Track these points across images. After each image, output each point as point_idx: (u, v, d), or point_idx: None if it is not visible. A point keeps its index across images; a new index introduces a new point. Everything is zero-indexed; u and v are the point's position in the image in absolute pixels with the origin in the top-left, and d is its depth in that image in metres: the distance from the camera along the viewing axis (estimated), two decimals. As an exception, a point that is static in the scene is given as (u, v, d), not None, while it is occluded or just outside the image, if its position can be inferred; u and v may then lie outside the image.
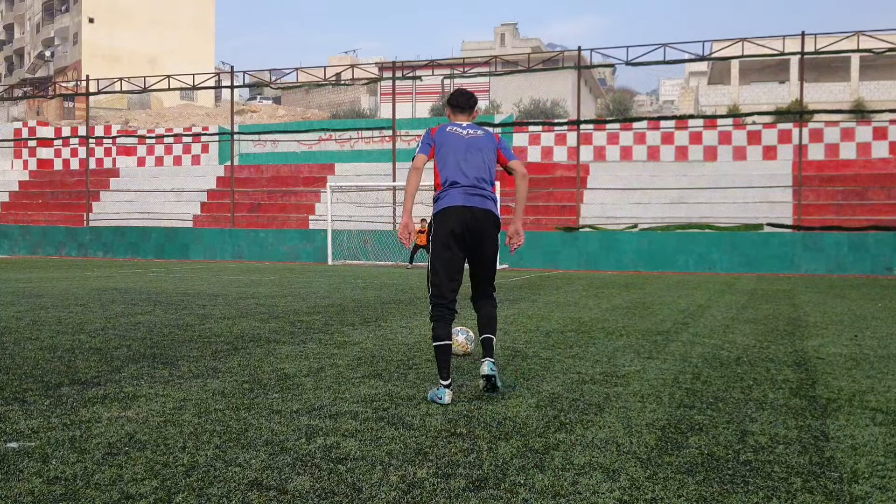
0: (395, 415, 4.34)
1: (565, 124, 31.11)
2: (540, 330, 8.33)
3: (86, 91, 32.60)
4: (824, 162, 28.64)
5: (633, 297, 12.96)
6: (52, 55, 67.02)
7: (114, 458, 3.47)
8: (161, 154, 37.23)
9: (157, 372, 5.58)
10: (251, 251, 28.53)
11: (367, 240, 26.87)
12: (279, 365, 5.92)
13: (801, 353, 6.91)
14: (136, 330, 7.88)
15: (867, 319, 9.90)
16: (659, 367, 6.02)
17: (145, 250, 29.83)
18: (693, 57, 25.95)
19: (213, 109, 61.24)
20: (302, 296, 12.47)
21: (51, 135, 38.97)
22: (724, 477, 3.32)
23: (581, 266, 24.60)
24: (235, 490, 3.07)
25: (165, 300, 11.33)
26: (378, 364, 6.03)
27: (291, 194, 32.19)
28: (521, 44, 63.65)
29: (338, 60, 67.30)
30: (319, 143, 34.84)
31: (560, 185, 29.54)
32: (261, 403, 4.59)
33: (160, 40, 64.16)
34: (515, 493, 3.09)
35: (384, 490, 3.10)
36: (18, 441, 3.71)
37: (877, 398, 4.96)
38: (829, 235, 23.05)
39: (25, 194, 36.08)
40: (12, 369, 5.59)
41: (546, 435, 3.95)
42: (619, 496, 3.06)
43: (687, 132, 30.61)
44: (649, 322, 9.23)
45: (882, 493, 3.15)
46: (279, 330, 8.03)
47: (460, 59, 35.10)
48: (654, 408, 4.61)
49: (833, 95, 43.81)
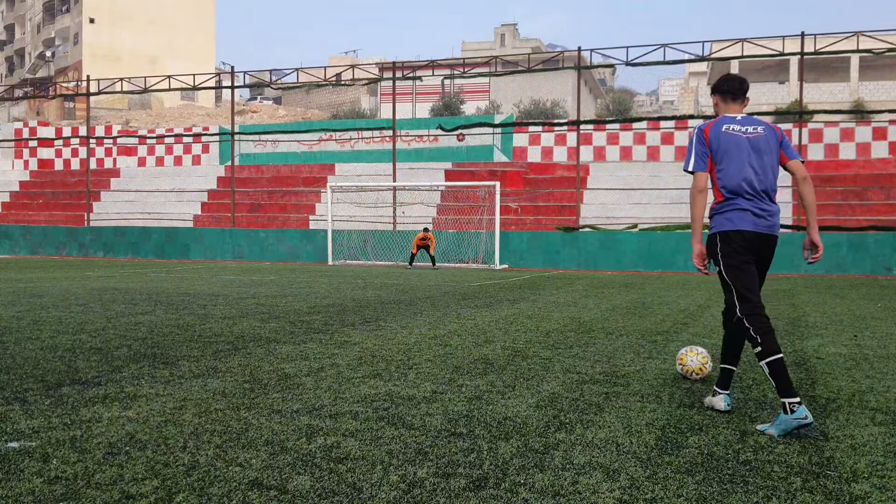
0: (395, 415, 4.35)
1: (565, 124, 31.11)
2: (540, 330, 8.33)
3: (86, 91, 32.61)
4: (824, 162, 28.64)
5: (633, 297, 12.96)
6: (53, 55, 67.03)
7: (114, 457, 3.47)
8: (161, 154, 37.24)
9: (158, 372, 5.58)
10: (251, 251, 28.54)
11: (367, 240, 26.88)
12: (279, 365, 5.92)
13: (801, 353, 6.91)
14: (137, 330, 7.88)
15: (867, 319, 9.90)
16: (659, 367, 6.03)
17: (146, 250, 29.84)
18: (693, 57, 25.95)
19: (214, 110, 61.23)
20: (302, 296, 12.48)
21: (51, 135, 38.97)
22: (724, 477, 3.32)
23: (581, 266, 24.60)
24: (236, 490, 3.08)
25: (166, 300, 11.33)
26: (378, 364, 6.03)
27: (292, 194, 32.19)
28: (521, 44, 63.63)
29: (338, 61, 67.29)
30: (320, 143, 34.84)
31: (560, 185, 29.55)
32: (261, 403, 4.60)
33: (161, 40, 64.18)
34: (515, 492, 3.09)
35: (384, 490, 3.10)
36: (19, 441, 3.72)
37: (876, 398, 4.96)
38: (828, 236, 23.04)
39: (26, 194, 36.08)
40: (13, 369, 5.59)
41: (546, 435, 3.96)
42: (619, 496, 3.07)
43: (687, 132, 30.59)
44: (649, 322, 9.24)
45: (882, 493, 3.15)
46: (279, 330, 8.03)
47: (460, 59, 35.10)
48: (654, 408, 4.61)
49: (833, 96, 43.79)
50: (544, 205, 28.58)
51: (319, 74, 31.58)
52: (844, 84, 45.32)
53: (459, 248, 25.58)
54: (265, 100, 67.61)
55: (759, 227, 4.34)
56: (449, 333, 7.92)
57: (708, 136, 4.42)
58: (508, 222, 27.24)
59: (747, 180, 4.33)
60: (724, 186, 4.38)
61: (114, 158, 37.69)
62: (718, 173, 4.40)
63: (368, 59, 66.63)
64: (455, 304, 11.40)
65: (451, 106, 45.62)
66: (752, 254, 4.38)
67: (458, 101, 46.67)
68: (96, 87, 32.31)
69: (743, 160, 4.35)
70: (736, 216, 4.35)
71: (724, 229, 4.37)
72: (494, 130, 32.44)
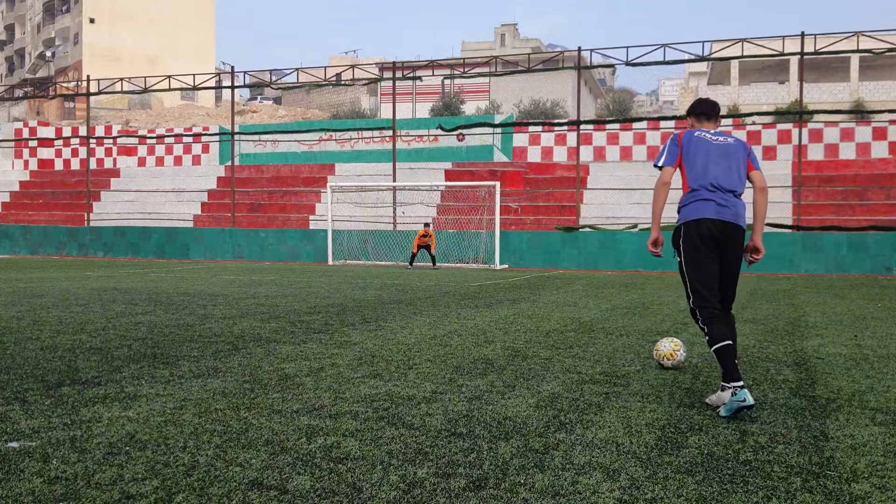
0: (395, 415, 4.35)
1: (565, 124, 31.12)
2: (540, 330, 8.33)
3: (86, 91, 32.61)
4: (824, 162, 28.65)
5: (633, 297, 12.96)
6: (53, 55, 67.04)
7: (114, 457, 3.47)
8: (161, 154, 37.24)
9: (158, 372, 5.58)
10: (251, 251, 28.55)
11: (368, 240, 26.88)
12: (279, 365, 5.92)
13: (801, 353, 6.91)
14: (137, 330, 7.88)
15: (867, 319, 9.90)
16: (659, 367, 6.03)
17: (146, 250, 29.84)
18: (693, 57, 25.95)
19: (214, 110, 61.25)
20: (302, 296, 12.48)
21: (51, 135, 38.97)
22: (723, 477, 3.32)
23: (581, 266, 24.61)
24: (236, 490, 3.08)
25: (166, 300, 11.34)
26: (378, 364, 6.03)
27: (292, 194, 32.20)
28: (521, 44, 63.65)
29: (338, 61, 67.32)
30: (320, 143, 34.84)
31: (560, 185, 29.55)
32: (261, 403, 4.60)
33: (161, 40, 64.20)
34: (515, 493, 3.09)
35: (384, 490, 3.10)
36: (19, 441, 3.72)
37: (876, 398, 4.96)
38: (828, 235, 23.05)
39: (26, 194, 36.09)
40: (13, 369, 5.59)
41: (546, 435, 3.96)
42: (618, 496, 3.07)
43: (687, 132, 30.59)
44: (649, 322, 9.24)
45: (882, 493, 3.15)
46: (279, 330, 8.03)
47: (460, 59, 35.11)
48: (654, 408, 4.61)
49: (833, 96, 43.80)
50: (544, 205, 28.58)
51: (319, 74, 31.59)
52: (844, 84, 45.33)
53: (459, 248, 25.59)
54: (265, 100, 67.63)
55: (722, 215, 4.63)
56: (449, 333, 7.93)
57: (681, 140, 4.87)
58: (508, 222, 27.24)
59: (713, 176, 4.71)
60: (691, 180, 4.77)
61: (114, 158, 37.69)
62: (688, 170, 4.80)
63: (368, 59, 66.64)
64: (455, 304, 11.40)
65: (451, 106, 45.63)
66: (714, 248, 4.66)
67: (458, 101, 46.69)
68: (96, 87, 32.32)
69: (710, 160, 4.76)
70: (699, 206, 4.69)
71: (688, 219, 4.71)
72: (494, 130, 32.44)
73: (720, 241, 4.64)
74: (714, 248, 4.64)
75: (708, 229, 4.62)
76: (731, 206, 4.66)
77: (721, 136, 4.89)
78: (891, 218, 24.49)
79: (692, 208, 4.71)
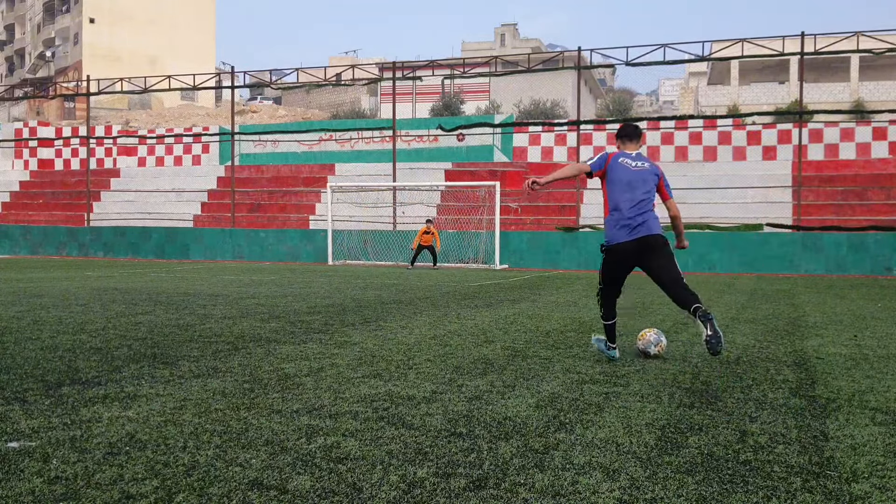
0: (395, 415, 4.35)
1: (565, 124, 31.12)
2: (540, 330, 8.33)
3: (86, 91, 32.62)
4: (824, 162, 28.64)
5: (633, 297, 12.95)
6: (53, 55, 67.06)
7: (114, 457, 3.47)
8: (161, 154, 37.25)
9: (158, 372, 5.58)
10: (251, 251, 28.54)
11: (368, 240, 26.88)
12: (279, 365, 5.92)
13: (801, 353, 6.92)
14: (137, 330, 7.89)
15: (867, 319, 9.90)
16: (659, 367, 6.03)
17: (146, 250, 29.84)
18: (693, 57, 25.95)
19: (214, 110, 61.26)
20: (302, 296, 12.48)
21: (51, 135, 38.98)
22: (723, 477, 3.32)
23: (581, 266, 24.60)
24: (236, 490, 3.08)
25: (166, 300, 11.34)
26: (378, 364, 6.03)
27: (292, 194, 32.20)
28: (521, 44, 63.66)
29: (338, 61, 67.32)
30: (320, 143, 34.84)
31: (560, 185, 29.53)
32: (261, 403, 4.60)
33: (161, 40, 64.21)
34: (515, 493, 3.09)
35: (384, 490, 3.10)
36: (19, 441, 3.72)
37: (876, 398, 4.96)
38: (828, 235, 23.05)
39: (26, 194, 36.09)
40: (13, 369, 5.59)
41: (546, 435, 3.96)
42: (618, 496, 3.07)
43: (687, 132, 30.63)
44: (649, 322, 9.23)
45: (882, 493, 3.15)
46: (279, 330, 8.03)
47: (460, 59, 35.10)
48: (654, 408, 4.61)
49: (833, 96, 43.81)
50: (544, 205, 28.58)
51: (319, 74, 31.59)
52: (844, 84, 45.35)
53: (459, 248, 25.58)
54: (265, 100, 67.63)
55: (637, 234, 5.88)
56: (449, 333, 7.93)
57: (610, 159, 6.06)
58: (508, 222, 27.24)
59: (628, 199, 5.91)
60: (611, 204, 5.99)
61: (114, 158, 37.69)
62: (609, 192, 6.01)
63: (368, 59, 66.65)
64: (455, 304, 11.40)
65: (451, 106, 45.63)
66: (627, 262, 6.03)
67: (458, 101, 46.68)
68: (96, 87, 32.32)
69: (628, 187, 5.93)
70: (617, 232, 5.94)
71: (608, 242, 6.03)
72: (494, 130, 32.44)
73: (640, 253, 5.90)
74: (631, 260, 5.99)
75: (623, 251, 5.94)
76: (644, 221, 5.87)
77: (640, 160, 6.06)
78: (891, 218, 24.49)
79: (612, 234, 5.97)
